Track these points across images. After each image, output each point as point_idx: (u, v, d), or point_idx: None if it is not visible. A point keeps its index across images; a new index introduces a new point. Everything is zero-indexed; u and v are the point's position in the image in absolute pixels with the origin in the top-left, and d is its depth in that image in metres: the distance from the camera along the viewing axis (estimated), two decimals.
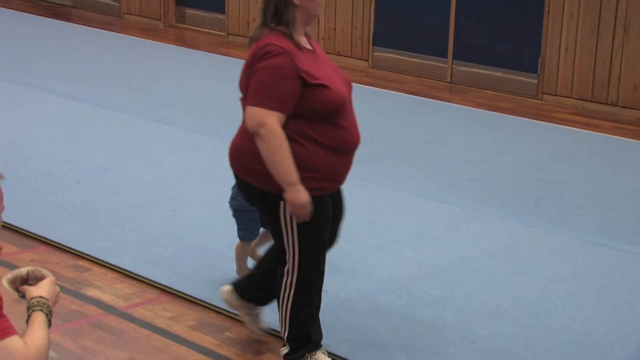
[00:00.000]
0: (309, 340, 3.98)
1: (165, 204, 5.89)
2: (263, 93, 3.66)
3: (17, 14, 12.33)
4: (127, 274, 4.95)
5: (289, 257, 3.86)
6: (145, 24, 11.96)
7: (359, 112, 4.09)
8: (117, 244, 5.28)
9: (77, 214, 5.69)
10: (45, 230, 5.43)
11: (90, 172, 6.43)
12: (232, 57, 10.31)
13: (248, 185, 3.87)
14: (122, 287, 4.82)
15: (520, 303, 4.72)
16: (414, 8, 9.66)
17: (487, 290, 4.85)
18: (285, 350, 4.01)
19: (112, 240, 5.32)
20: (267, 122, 3.64)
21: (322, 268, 3.97)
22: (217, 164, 6.67)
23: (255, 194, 3.88)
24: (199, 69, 9.75)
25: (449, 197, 6.24)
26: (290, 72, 3.66)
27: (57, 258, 5.13)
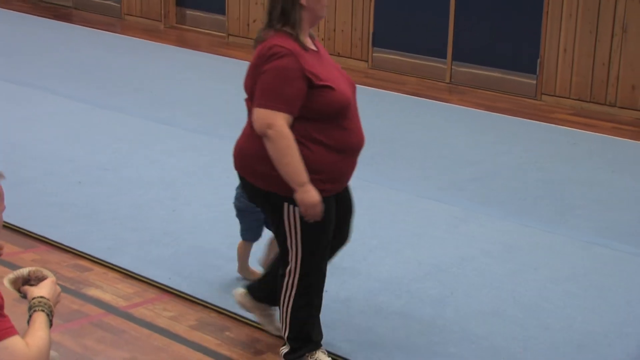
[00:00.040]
0: (309, 340, 3.98)
1: (166, 204, 5.89)
2: (270, 94, 3.64)
3: (18, 15, 12.33)
4: (127, 274, 4.95)
5: (292, 257, 3.86)
6: (146, 25, 11.96)
7: (359, 112, 4.10)
8: (117, 244, 5.27)
9: (78, 214, 5.68)
10: (46, 230, 5.43)
11: (91, 172, 6.42)
12: (232, 57, 10.33)
13: (252, 187, 3.86)
14: (122, 286, 4.81)
15: (520, 303, 4.71)
16: (414, 9, 9.66)
17: (486, 290, 4.85)
18: (286, 350, 4.00)
19: (112, 240, 5.32)
20: (274, 123, 3.62)
21: (323, 269, 3.96)
22: (217, 164, 6.68)
23: (260, 195, 3.87)
24: (200, 70, 9.74)
25: (449, 197, 6.24)
26: (297, 73, 3.65)
27: (58, 258, 5.13)
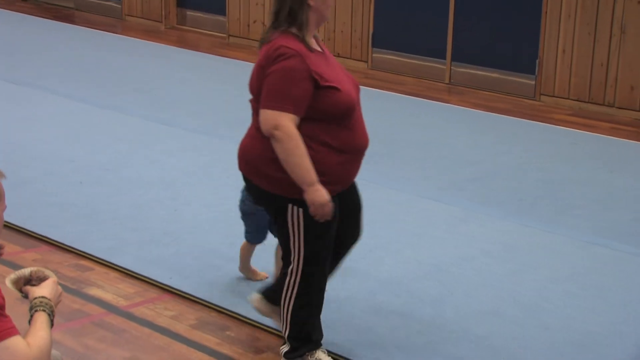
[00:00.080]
0: (309, 340, 3.97)
1: (167, 204, 5.89)
2: (277, 95, 3.63)
3: (20, 16, 12.31)
4: (128, 274, 4.95)
5: (294, 257, 3.85)
6: (147, 26, 11.95)
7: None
8: (118, 244, 5.28)
9: (79, 214, 5.69)
10: (48, 230, 5.43)
11: (92, 172, 6.42)
12: (232, 58, 10.33)
13: (257, 188, 3.86)
14: (123, 286, 4.82)
15: (519, 302, 4.72)
16: (413, 10, 9.66)
17: (485, 290, 4.85)
18: (286, 349, 4.00)
19: (113, 240, 5.32)
20: (282, 124, 3.61)
21: (325, 270, 3.95)
22: (217, 164, 6.69)
23: (264, 196, 3.86)
24: (200, 70, 9.74)
25: (448, 197, 6.24)
26: (303, 74, 3.64)
27: (59, 258, 5.13)
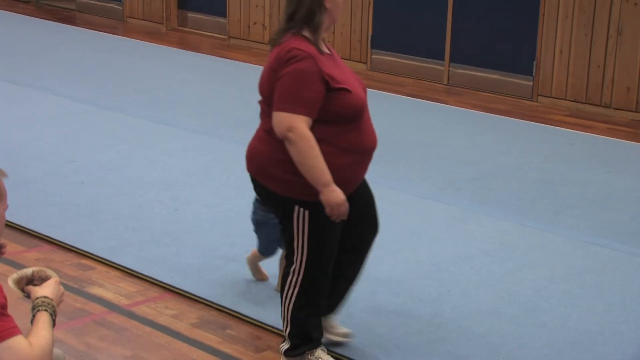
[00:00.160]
0: (310, 339, 3.97)
1: (167, 204, 5.90)
2: (290, 98, 3.63)
3: (22, 18, 12.32)
4: (130, 273, 4.95)
5: (297, 258, 3.85)
6: (148, 28, 11.95)
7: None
8: (120, 243, 5.28)
9: (80, 214, 5.69)
10: (50, 230, 5.44)
11: (94, 172, 6.43)
12: (233, 60, 10.34)
13: (264, 189, 3.85)
14: (125, 285, 4.83)
15: (516, 301, 4.73)
16: (412, 11, 9.67)
17: (484, 289, 4.86)
18: (286, 346, 3.99)
19: (115, 240, 5.33)
20: (295, 126, 3.61)
21: (327, 271, 3.93)
22: (217, 164, 6.70)
23: (271, 198, 3.86)
24: (201, 72, 9.74)
25: (447, 197, 6.25)
26: (315, 76, 3.64)
27: (61, 257, 5.14)
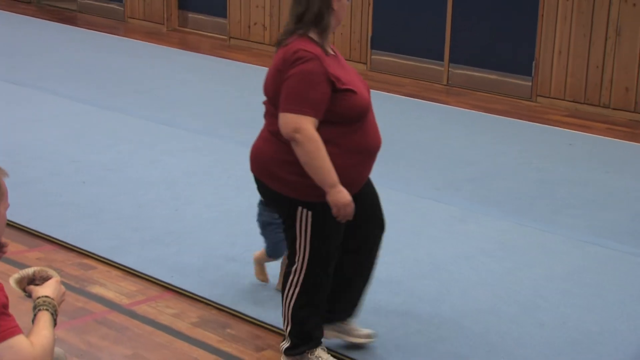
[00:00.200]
0: (310, 338, 3.98)
1: (168, 204, 5.91)
2: (296, 99, 3.63)
3: (23, 18, 12.32)
4: (131, 272, 4.97)
5: (298, 258, 3.86)
6: (149, 28, 11.95)
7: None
8: (121, 243, 5.30)
9: (82, 214, 5.71)
10: (51, 229, 5.45)
11: (95, 172, 6.44)
12: (233, 60, 10.34)
13: (268, 189, 3.86)
14: (126, 284, 4.84)
15: (515, 300, 4.74)
16: (412, 12, 9.68)
17: (482, 288, 4.87)
18: (286, 345, 4.00)
19: (116, 239, 5.34)
20: (302, 127, 3.62)
21: (329, 272, 3.93)
22: (218, 165, 6.71)
23: (275, 198, 3.87)
24: (201, 72, 9.74)
25: (446, 196, 6.26)
26: (322, 77, 3.65)
27: (62, 256, 5.16)
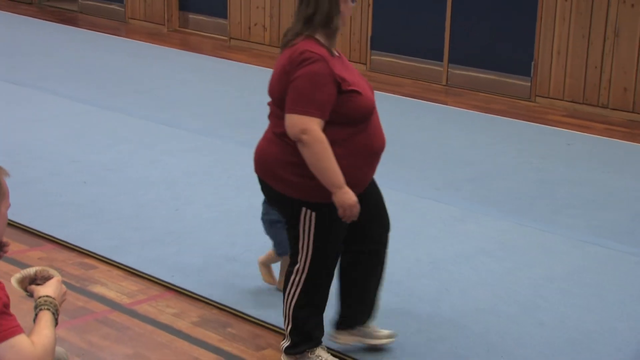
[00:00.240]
0: (310, 337, 3.99)
1: (169, 204, 5.92)
2: (303, 100, 3.64)
3: (25, 19, 12.33)
4: (131, 272, 4.98)
5: (301, 258, 3.87)
6: (150, 29, 11.96)
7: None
8: (122, 243, 5.31)
9: (83, 213, 5.72)
10: (52, 229, 5.47)
11: (96, 172, 6.46)
12: (233, 60, 10.35)
13: (272, 190, 3.87)
14: (127, 284, 4.85)
15: (515, 300, 4.75)
16: (411, 13, 9.69)
17: (482, 288, 4.88)
18: (286, 344, 4.01)
19: (117, 239, 5.36)
20: (309, 128, 3.62)
21: (331, 272, 3.97)
22: (218, 165, 6.72)
23: (279, 198, 3.87)
24: (202, 73, 9.76)
25: (446, 196, 6.27)
26: (328, 78, 3.66)
27: (63, 256, 5.17)
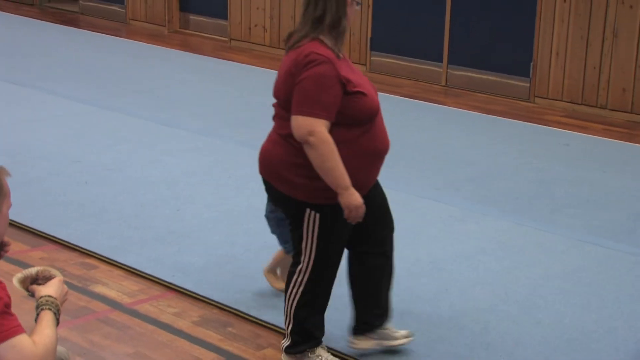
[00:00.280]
0: (310, 337, 4.00)
1: (169, 204, 5.94)
2: (309, 102, 3.64)
3: (26, 20, 12.35)
4: (132, 272, 5.00)
5: (304, 258, 3.89)
6: (151, 30, 11.97)
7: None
8: (123, 242, 5.33)
9: (84, 213, 5.74)
10: (54, 229, 5.48)
11: (97, 172, 6.47)
12: (234, 61, 10.36)
13: (276, 191, 3.88)
14: (128, 284, 4.87)
15: (513, 299, 4.77)
16: (411, 14, 9.70)
17: (481, 287, 4.90)
18: (287, 343, 4.02)
19: (118, 239, 5.37)
20: (316, 129, 3.63)
21: (334, 272, 3.97)
22: (218, 165, 6.74)
23: (283, 199, 3.88)
24: (202, 73, 9.77)
25: (445, 196, 6.29)
26: (334, 80, 3.66)
27: (65, 256, 5.19)
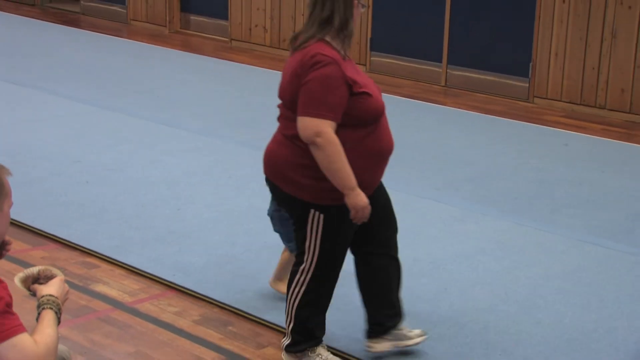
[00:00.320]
0: (311, 336, 4.01)
1: (170, 203, 5.95)
2: (316, 103, 3.65)
3: (27, 21, 12.35)
4: (133, 271, 5.00)
5: (307, 258, 3.89)
6: (152, 30, 11.97)
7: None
8: (124, 242, 5.34)
9: (85, 213, 5.75)
10: (55, 229, 5.49)
11: (98, 172, 6.48)
12: (234, 61, 10.36)
13: (281, 191, 3.89)
14: (128, 283, 4.88)
15: (512, 299, 4.78)
16: (410, 15, 9.71)
17: (480, 287, 4.91)
18: (287, 342, 4.03)
19: (119, 238, 5.38)
20: (323, 130, 3.64)
21: (336, 273, 3.98)
22: (218, 165, 6.74)
23: (288, 200, 3.89)
24: (203, 73, 9.77)
25: (445, 196, 6.30)
26: (340, 81, 3.67)
27: (66, 255, 5.20)
